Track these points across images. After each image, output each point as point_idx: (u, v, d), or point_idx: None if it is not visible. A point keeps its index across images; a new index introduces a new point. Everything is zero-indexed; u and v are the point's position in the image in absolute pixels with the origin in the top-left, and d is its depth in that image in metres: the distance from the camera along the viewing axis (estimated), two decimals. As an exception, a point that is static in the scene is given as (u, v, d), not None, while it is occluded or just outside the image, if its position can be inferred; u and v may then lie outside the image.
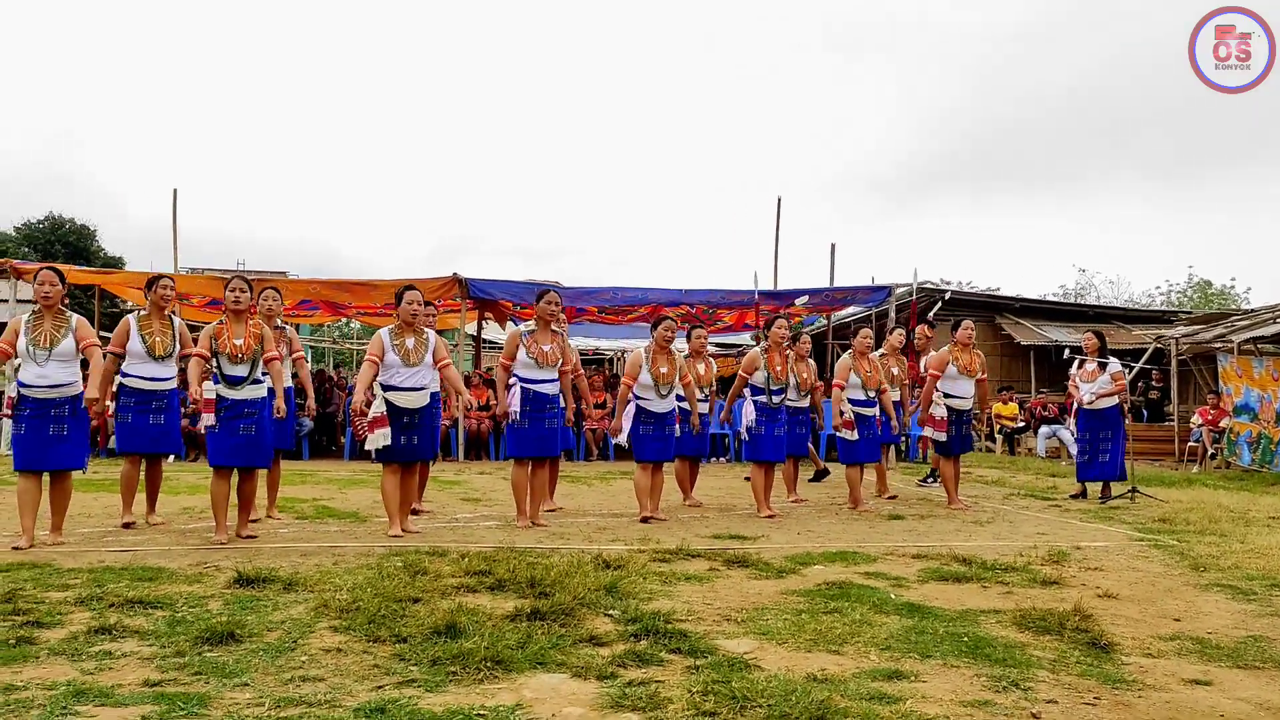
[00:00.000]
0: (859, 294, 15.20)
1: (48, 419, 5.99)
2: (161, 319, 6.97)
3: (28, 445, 5.99)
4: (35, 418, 5.99)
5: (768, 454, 7.82)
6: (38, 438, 5.98)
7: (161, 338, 6.88)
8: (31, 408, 6.00)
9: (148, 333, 6.84)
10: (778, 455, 7.93)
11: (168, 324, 6.99)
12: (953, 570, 5.41)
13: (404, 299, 6.73)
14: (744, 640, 3.97)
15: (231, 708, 3.06)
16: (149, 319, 6.91)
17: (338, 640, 3.87)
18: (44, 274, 6.10)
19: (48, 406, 6.00)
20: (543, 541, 6.35)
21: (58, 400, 6.02)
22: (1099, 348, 9.69)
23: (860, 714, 3.06)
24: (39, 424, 5.97)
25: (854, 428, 8.22)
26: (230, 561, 5.40)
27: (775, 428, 7.83)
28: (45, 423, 5.97)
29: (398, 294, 6.82)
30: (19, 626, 3.95)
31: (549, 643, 3.81)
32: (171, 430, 6.98)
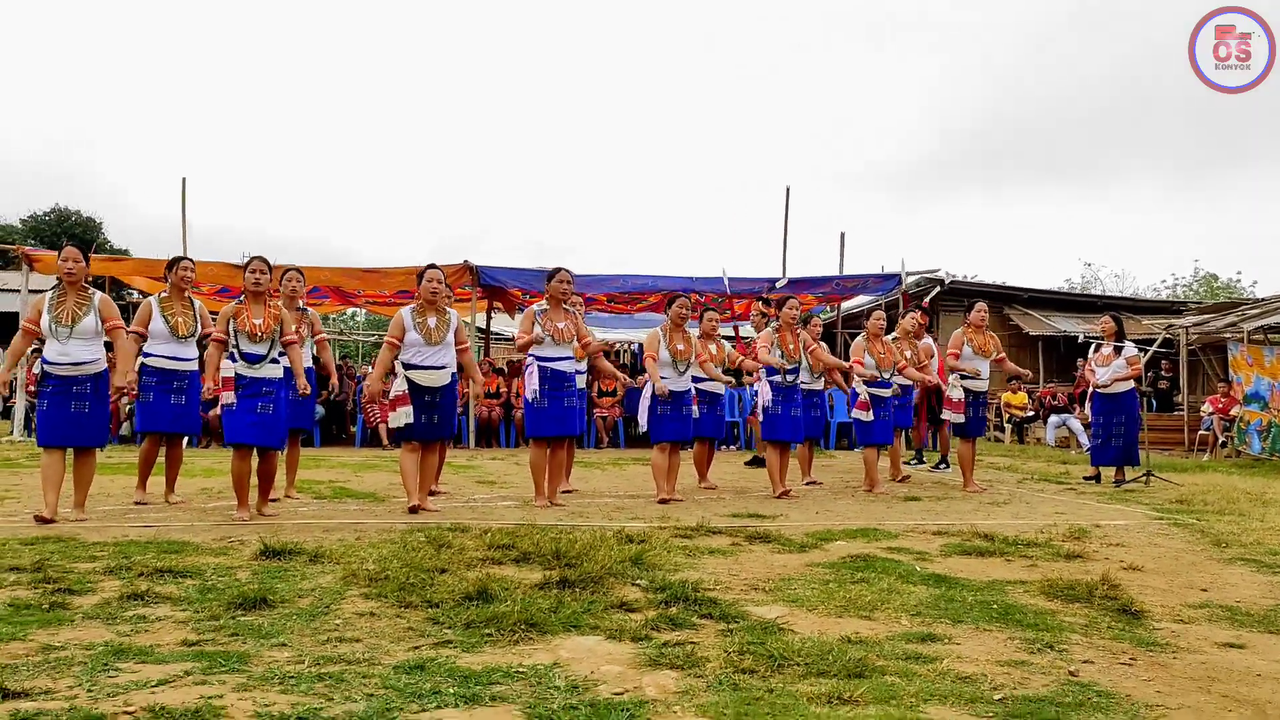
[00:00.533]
0: (869, 282, 15.19)
1: (70, 396, 6.02)
2: (182, 300, 7.00)
3: (51, 422, 6.03)
4: (58, 394, 6.02)
5: (784, 434, 7.82)
6: (61, 415, 6.01)
7: (184, 318, 6.90)
8: (54, 384, 6.03)
9: (169, 313, 6.86)
10: (794, 435, 7.93)
11: (189, 305, 7.01)
12: (975, 545, 5.40)
13: (425, 277, 6.73)
14: (773, 607, 3.98)
15: (272, 665, 3.07)
16: (170, 300, 6.94)
17: (369, 606, 3.88)
18: (68, 250, 6.12)
19: (70, 384, 6.02)
20: (563, 520, 6.35)
21: (80, 378, 6.05)
22: (1116, 332, 9.68)
23: (898, 672, 3.07)
24: (62, 400, 6.00)
25: (869, 409, 8.22)
26: (253, 536, 5.41)
27: (791, 407, 7.83)
28: (68, 399, 6.00)
29: (420, 273, 6.83)
30: (51, 593, 3.96)
31: (581, 608, 3.83)
32: (192, 410, 7.00)
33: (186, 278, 7.05)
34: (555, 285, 7.25)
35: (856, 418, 8.29)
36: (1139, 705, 2.81)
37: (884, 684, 2.93)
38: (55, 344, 6.02)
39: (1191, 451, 15.65)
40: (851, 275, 15.19)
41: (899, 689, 2.89)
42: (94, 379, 6.12)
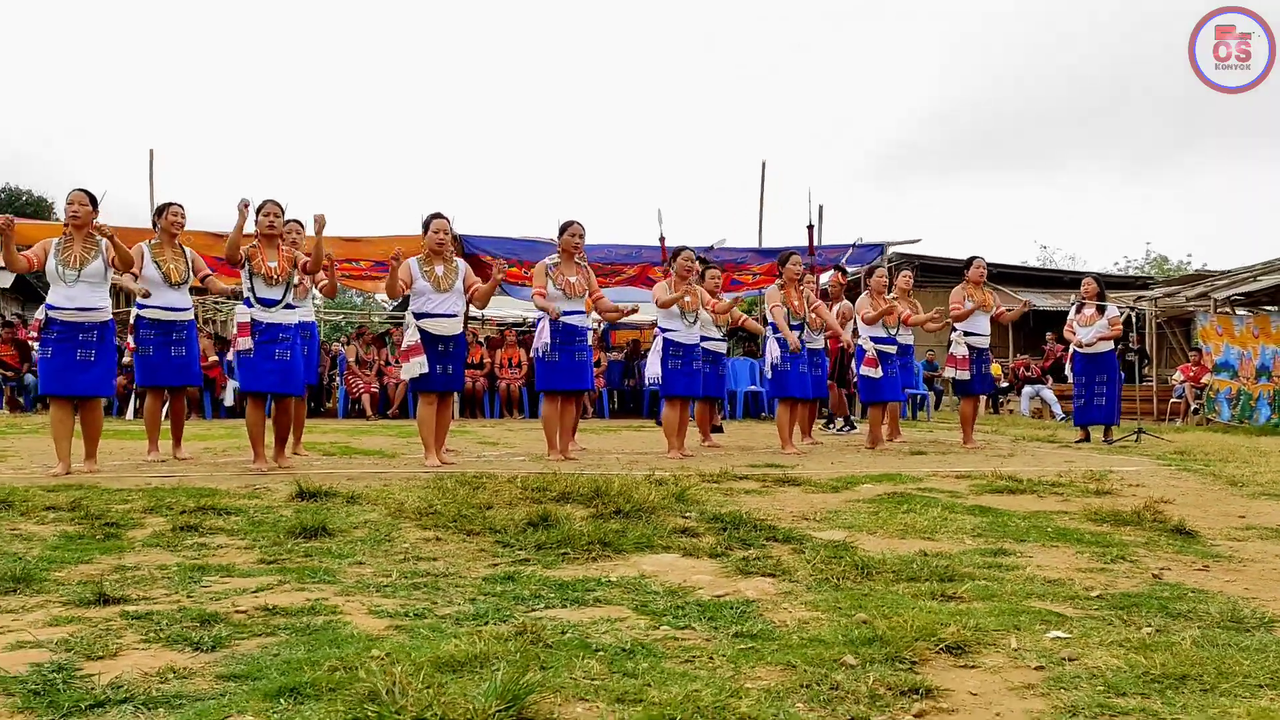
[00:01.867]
0: (851, 252, 15.25)
1: (75, 344, 5.84)
2: (173, 246, 6.81)
3: (54, 369, 5.84)
4: (63, 341, 5.84)
5: (793, 390, 7.84)
6: (64, 361, 5.83)
7: (175, 265, 6.72)
8: (59, 330, 5.85)
9: (161, 260, 6.68)
10: (803, 392, 7.95)
11: (180, 252, 6.83)
12: (1003, 485, 5.46)
13: (430, 227, 6.63)
14: (833, 531, 4.00)
15: (360, 578, 3.03)
16: (161, 247, 6.74)
17: (430, 534, 3.84)
18: (73, 194, 5.95)
19: (75, 330, 5.85)
20: (584, 470, 6.32)
21: (86, 325, 5.88)
22: (1098, 292, 9.82)
23: (986, 578, 3.10)
24: (67, 348, 5.82)
25: (877, 365, 8.27)
26: (278, 484, 5.33)
27: (799, 364, 7.86)
28: (73, 347, 5.82)
29: (424, 222, 6.73)
30: (99, 527, 3.87)
31: (647, 532, 3.82)
32: (192, 362, 6.85)
33: (177, 222, 6.83)
34: (567, 239, 7.19)
35: (865, 374, 8.34)
36: (1234, 598, 2.86)
37: (979, 585, 2.95)
38: (62, 288, 5.84)
39: (1163, 420, 15.96)
40: (833, 245, 15.24)
41: (995, 589, 2.92)
42: (100, 326, 5.95)
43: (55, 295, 5.86)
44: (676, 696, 1.88)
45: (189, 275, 6.76)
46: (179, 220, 6.87)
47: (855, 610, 2.63)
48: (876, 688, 1.99)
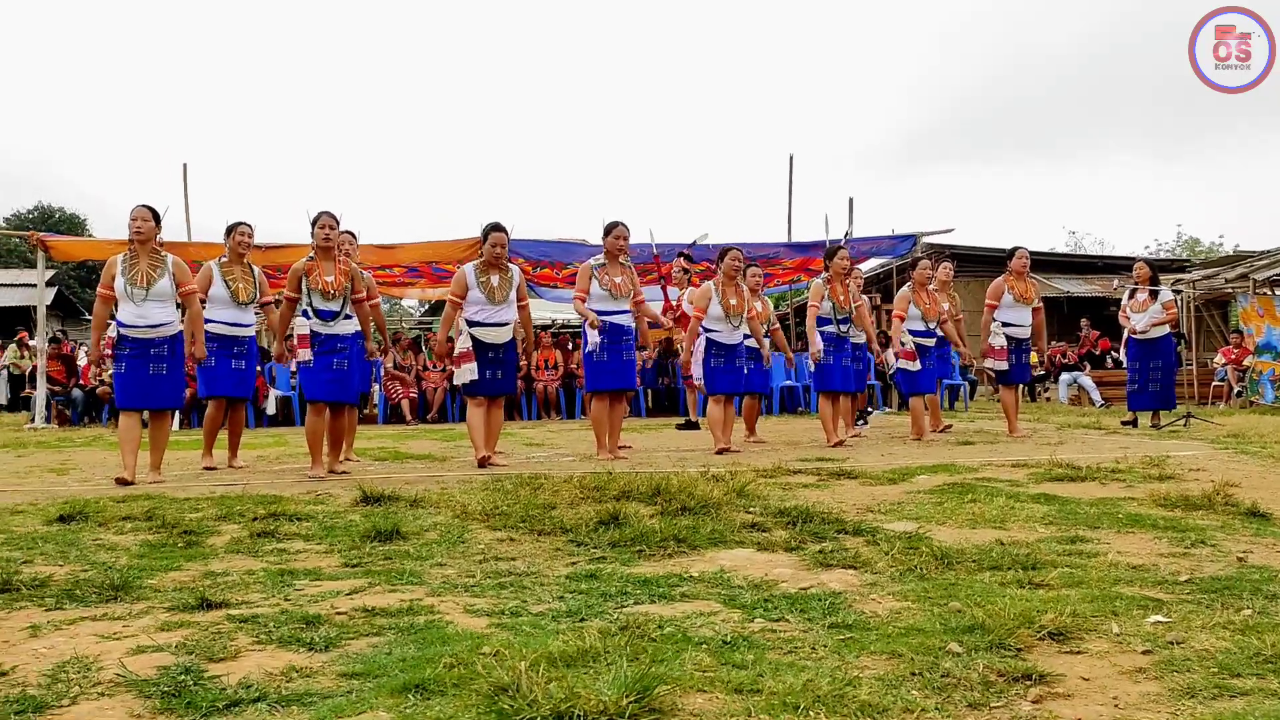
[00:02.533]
0: (883, 244, 15.23)
1: (147, 358, 5.96)
2: (242, 265, 6.94)
3: (128, 384, 5.98)
4: (135, 357, 5.96)
5: (836, 383, 7.84)
6: (137, 376, 5.95)
7: (244, 284, 6.86)
8: (131, 347, 5.97)
9: (230, 279, 6.81)
10: (846, 385, 7.95)
11: (249, 271, 6.96)
12: (1062, 473, 5.43)
13: (490, 240, 6.70)
14: (902, 523, 4.00)
15: (445, 578, 3.07)
16: (230, 265, 6.88)
17: (501, 535, 3.88)
18: (136, 210, 6.02)
19: (147, 346, 5.96)
20: (635, 469, 6.35)
21: (156, 340, 5.99)
22: (1150, 276, 9.75)
23: (1069, 565, 3.09)
24: (139, 363, 5.94)
25: (915, 358, 8.25)
26: (340, 489, 5.39)
27: (843, 357, 7.85)
28: (145, 362, 5.94)
29: (484, 232, 6.79)
30: (178, 535, 3.94)
31: (717, 527, 3.83)
32: (251, 375, 6.97)
33: (244, 242, 6.96)
34: (611, 241, 7.23)
35: (903, 367, 8.32)
36: (1327, 579, 2.84)
37: (1065, 573, 2.95)
38: (131, 306, 5.94)
39: (1205, 404, 15.80)
40: (865, 238, 15.21)
41: (1082, 576, 2.91)
42: (170, 340, 6.06)
43: (125, 313, 5.96)
44: (794, 686, 1.90)
45: (255, 294, 6.89)
46: (246, 240, 6.97)
47: (946, 599, 2.64)
48: (988, 674, 2.01)
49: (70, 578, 3.12)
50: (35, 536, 3.94)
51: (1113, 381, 16.38)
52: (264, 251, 13.41)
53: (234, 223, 6.99)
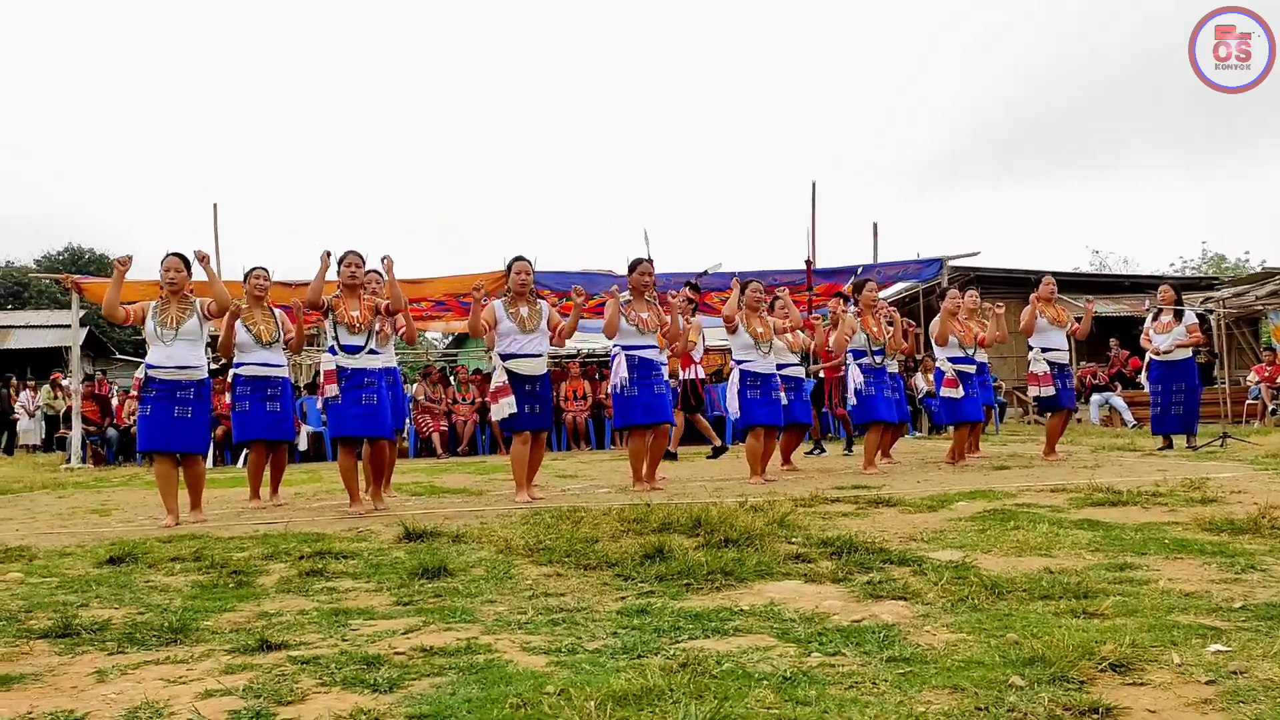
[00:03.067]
0: (909, 268, 15.23)
1: (173, 400, 6.02)
2: (261, 308, 7.05)
3: (154, 426, 6.01)
4: (162, 399, 6.02)
5: (880, 414, 7.84)
6: (163, 419, 6.00)
7: (266, 325, 6.97)
8: (159, 389, 6.03)
9: (251, 323, 6.91)
10: (890, 415, 7.95)
11: (269, 313, 7.07)
12: (1102, 498, 5.40)
13: (513, 269, 6.78)
14: (946, 552, 3.99)
15: (497, 615, 3.09)
16: (249, 310, 6.98)
17: (549, 570, 3.90)
18: (169, 260, 6.12)
19: (174, 388, 6.03)
20: (673, 499, 6.36)
21: (184, 382, 6.06)
22: (1175, 298, 9.71)
23: (1121, 592, 3.08)
24: (165, 405, 6.00)
25: (958, 385, 8.24)
26: (380, 525, 5.44)
27: (883, 388, 7.87)
28: (171, 404, 5.99)
29: (507, 265, 6.88)
30: (227, 575, 3.98)
31: (763, 560, 3.84)
32: (287, 417, 7.05)
33: (260, 285, 7.08)
34: (637, 277, 7.31)
35: (945, 395, 8.31)
36: (1385, 604, 2.82)
37: (1119, 602, 2.94)
38: (160, 348, 6.03)
39: (1239, 422, 15.63)
40: (891, 263, 15.22)
41: (1135, 605, 2.90)
42: (197, 384, 6.13)
43: (154, 355, 6.04)
44: (861, 723, 1.91)
45: (279, 334, 6.98)
46: (262, 283, 7.08)
47: (1002, 631, 2.63)
48: (1054, 708, 2.01)
49: (128, 620, 3.17)
50: (88, 579, 4.00)
51: (1144, 402, 16.24)
52: (293, 288, 13.58)
53: (251, 268, 7.11)
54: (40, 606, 3.41)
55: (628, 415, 7.17)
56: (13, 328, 24.96)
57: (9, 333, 24.47)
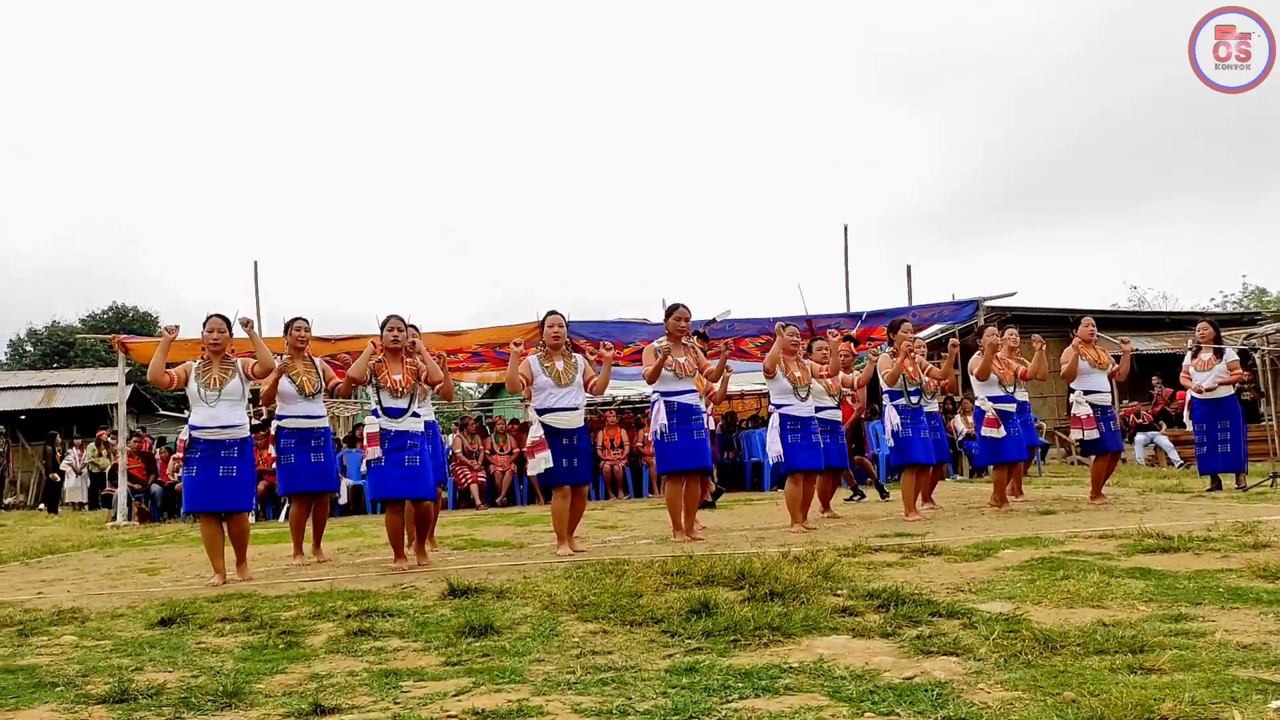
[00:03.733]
0: (944, 310, 15.17)
1: (217, 460, 6.10)
2: (303, 359, 7.14)
3: (199, 486, 6.11)
4: (206, 459, 6.10)
5: (917, 456, 7.79)
6: (208, 479, 6.08)
7: (308, 376, 7.06)
8: (203, 449, 6.12)
9: (294, 374, 7.01)
10: (927, 457, 7.90)
11: (310, 364, 7.16)
12: (1153, 544, 5.31)
13: (546, 323, 6.85)
14: (995, 603, 3.94)
15: (546, 675, 3.09)
16: (292, 361, 7.08)
17: (595, 626, 3.90)
18: (213, 321, 6.24)
19: (218, 448, 6.11)
20: (715, 549, 6.34)
21: (227, 442, 6.15)
22: (1214, 336, 9.60)
23: (1177, 646, 3.03)
24: (210, 465, 6.08)
25: (999, 425, 8.17)
26: (425, 582, 5.46)
27: (920, 429, 7.82)
28: (215, 464, 6.08)
29: (541, 320, 6.96)
30: (276, 635, 4.01)
31: (809, 613, 3.82)
32: (331, 468, 7.12)
33: (302, 337, 7.19)
34: (673, 323, 7.35)
35: (987, 434, 8.24)
36: None
37: (1176, 656, 2.89)
38: (204, 408, 6.12)
39: (1288, 460, 15.32)
40: (926, 305, 15.18)
41: (1192, 659, 2.85)
42: (240, 443, 6.21)
43: (198, 415, 6.14)
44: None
45: (321, 385, 7.07)
46: (303, 334, 7.19)
47: (1058, 688, 2.60)
48: (1115, 770, 1.98)
49: (182, 684, 3.21)
50: (140, 641, 4.05)
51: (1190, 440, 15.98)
52: (333, 342, 13.77)
53: (292, 318, 7.22)
54: (96, 671, 3.46)
55: (669, 461, 7.19)
56: (59, 386, 25.41)
57: (56, 391, 24.91)
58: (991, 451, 8.35)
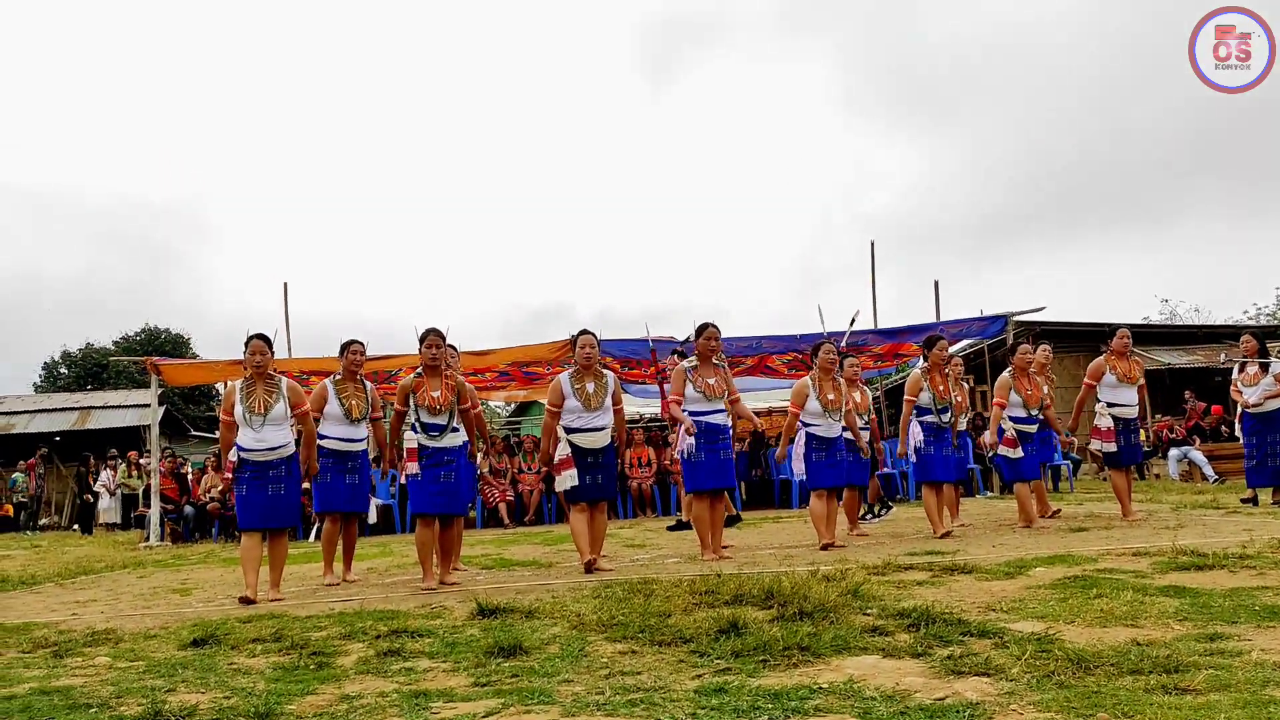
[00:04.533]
0: (973, 326, 15.07)
1: (266, 479, 6.19)
2: (355, 383, 7.19)
3: (249, 505, 6.20)
4: (255, 479, 6.19)
5: (938, 474, 7.75)
6: (258, 498, 6.17)
7: (357, 401, 7.10)
8: (251, 470, 6.20)
9: (344, 396, 7.06)
10: (948, 475, 7.85)
11: (361, 388, 7.20)
12: (1187, 561, 5.25)
13: (579, 344, 6.87)
14: (1027, 623, 3.91)
15: (576, 696, 3.10)
16: (344, 383, 7.13)
17: (624, 646, 3.89)
18: (255, 343, 6.29)
19: (265, 468, 6.20)
20: (743, 569, 6.32)
21: (275, 461, 6.22)
22: (1258, 349, 9.49)
23: (1212, 665, 2.99)
24: (259, 484, 6.17)
25: (1017, 445, 8.10)
26: (453, 601, 5.48)
27: (944, 448, 7.78)
28: (264, 483, 6.17)
29: (573, 340, 6.98)
30: (307, 656, 4.04)
31: (839, 633, 3.80)
32: (364, 490, 7.17)
33: (357, 360, 7.23)
34: (703, 342, 7.34)
35: (1004, 454, 8.18)
36: None
37: (1211, 676, 2.85)
38: (250, 431, 6.19)
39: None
40: (954, 320, 15.09)
41: (1228, 679, 2.82)
42: (286, 462, 6.29)
43: (244, 438, 6.21)
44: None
45: (368, 410, 7.13)
46: (358, 358, 7.23)
47: (1091, 710, 2.58)
48: (1150, 793, 1.95)
49: (214, 705, 3.23)
50: (173, 662, 4.08)
51: (1225, 455, 15.77)
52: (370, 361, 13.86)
53: (347, 340, 7.25)
54: (129, 692, 3.50)
55: (696, 480, 7.17)
56: (93, 408, 25.75)
57: (90, 413, 25.25)
58: (1010, 470, 8.29)
